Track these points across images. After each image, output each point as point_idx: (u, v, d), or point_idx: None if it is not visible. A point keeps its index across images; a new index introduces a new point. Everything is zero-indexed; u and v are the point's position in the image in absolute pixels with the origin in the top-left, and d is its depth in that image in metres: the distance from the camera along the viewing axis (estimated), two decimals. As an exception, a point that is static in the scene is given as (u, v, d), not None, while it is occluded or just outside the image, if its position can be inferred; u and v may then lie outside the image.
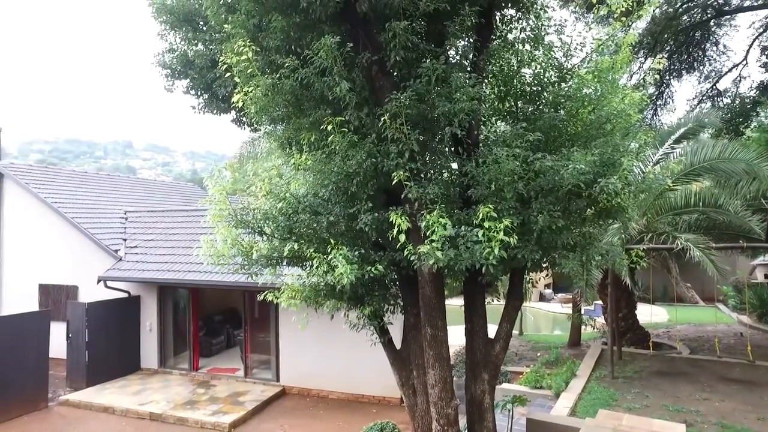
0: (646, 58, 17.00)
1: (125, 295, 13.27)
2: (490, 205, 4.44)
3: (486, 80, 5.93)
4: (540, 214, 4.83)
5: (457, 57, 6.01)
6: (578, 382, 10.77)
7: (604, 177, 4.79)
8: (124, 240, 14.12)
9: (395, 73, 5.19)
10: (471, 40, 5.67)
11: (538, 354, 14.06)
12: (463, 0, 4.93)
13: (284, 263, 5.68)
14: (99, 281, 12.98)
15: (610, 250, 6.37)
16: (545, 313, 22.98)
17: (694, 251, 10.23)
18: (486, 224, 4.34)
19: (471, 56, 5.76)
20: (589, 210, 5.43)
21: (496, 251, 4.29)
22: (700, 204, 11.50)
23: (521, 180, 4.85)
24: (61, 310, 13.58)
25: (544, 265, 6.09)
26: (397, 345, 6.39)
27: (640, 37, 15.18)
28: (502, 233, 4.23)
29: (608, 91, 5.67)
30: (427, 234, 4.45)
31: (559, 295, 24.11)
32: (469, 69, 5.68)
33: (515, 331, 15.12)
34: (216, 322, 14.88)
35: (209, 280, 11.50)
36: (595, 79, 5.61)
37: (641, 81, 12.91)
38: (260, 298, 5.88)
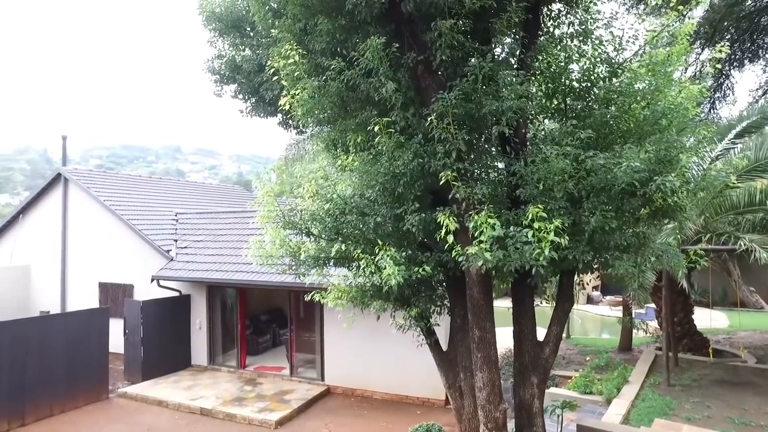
0: (703, 49, 16.14)
1: (176, 293, 13.78)
2: (540, 205, 4.33)
3: (533, 77, 5.80)
4: (592, 214, 4.68)
5: (503, 54, 5.92)
6: (631, 388, 10.34)
7: (660, 175, 4.59)
8: (175, 241, 14.68)
9: (441, 73, 5.16)
10: (517, 37, 5.56)
11: (587, 358, 13.62)
12: (510, -4, 4.84)
13: (331, 264, 5.74)
14: (152, 280, 13.53)
15: (666, 251, 6.09)
16: (593, 316, 22.26)
17: (761, 253, 9.62)
18: (536, 225, 4.24)
19: (518, 53, 5.66)
20: (643, 209, 5.22)
21: (547, 252, 4.18)
22: (767, 202, 10.80)
23: (572, 179, 4.73)
24: (118, 308, 14.25)
25: (595, 267, 5.90)
26: (444, 346, 6.34)
27: (697, 26, 14.44)
28: (552, 234, 4.12)
29: (663, 85, 5.43)
30: (475, 234, 4.40)
31: (608, 297, 23.29)
32: (515, 66, 5.57)
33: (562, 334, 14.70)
34: (262, 322, 15.22)
35: (256, 280, 11.78)
36: (649, 73, 5.37)
37: (698, 73, 12.30)
38: (308, 298, 5.96)
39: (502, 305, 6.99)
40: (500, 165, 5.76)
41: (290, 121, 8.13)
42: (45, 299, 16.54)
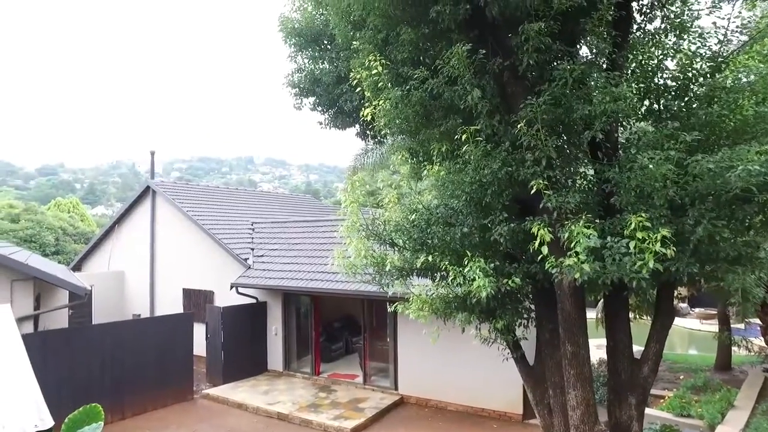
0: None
1: (254, 300, 14.30)
2: (643, 214, 4.04)
3: (624, 78, 5.47)
4: (698, 223, 4.30)
5: (592, 55, 5.63)
6: (738, 414, 9.38)
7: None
8: (252, 249, 15.26)
9: (527, 78, 4.98)
10: (608, 36, 5.27)
11: (681, 377, 12.61)
12: (601, -7, 4.60)
13: (414, 274, 5.68)
14: (231, 287, 14.13)
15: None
16: (680, 330, 20.68)
17: None
18: (638, 234, 3.96)
19: (607, 53, 5.36)
20: (758, 216, 4.74)
21: (651, 264, 3.89)
22: None
23: (674, 185, 4.38)
24: (200, 313, 15.01)
25: (697, 279, 5.44)
26: (530, 361, 6.08)
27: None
28: (659, 244, 3.82)
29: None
30: (570, 245, 4.18)
31: (697, 309, 21.57)
32: (606, 67, 5.28)
33: (640, 348, 13.71)
34: (335, 329, 15.45)
35: (331, 288, 11.98)
36: (765, 65, 4.88)
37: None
38: (390, 309, 5.93)
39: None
40: (588, 171, 5.48)
41: (368, 132, 8.22)
42: (136, 303, 17.78)
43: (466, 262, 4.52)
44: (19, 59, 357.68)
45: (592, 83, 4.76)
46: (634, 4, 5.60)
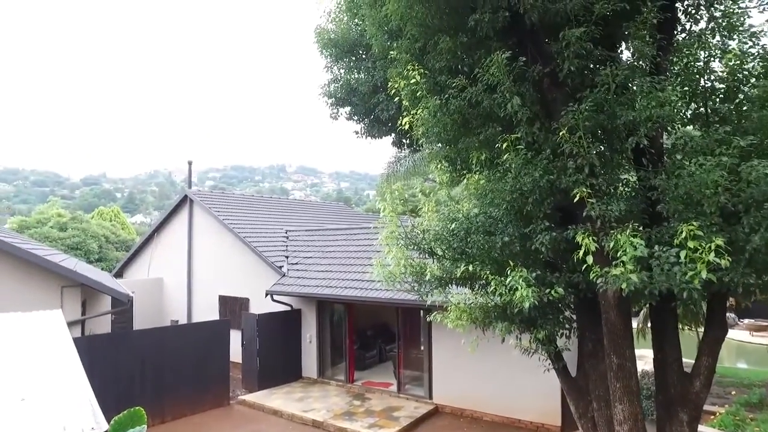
0: None
1: (288, 308, 14.45)
2: (694, 222, 3.89)
3: (669, 82, 5.32)
4: (753, 231, 4.12)
5: (634, 59, 5.49)
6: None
7: None
8: (287, 257, 15.45)
9: (568, 84, 4.90)
10: (652, 39, 5.13)
11: (732, 392, 12.03)
12: (645, -5, 4.50)
13: (453, 283, 5.63)
14: (266, 295, 14.31)
15: None
16: (728, 341, 19.73)
17: None
18: (690, 244, 3.82)
19: (651, 57, 5.22)
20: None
21: (703, 274, 3.74)
22: None
23: (726, 192, 4.21)
24: (236, 319, 15.26)
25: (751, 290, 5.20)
26: (572, 372, 5.93)
27: None
28: (712, 254, 3.67)
29: None
30: (616, 255, 4.07)
31: (746, 321, 20.58)
32: (649, 71, 5.14)
33: (689, 360, 13.18)
34: (368, 337, 15.45)
35: (365, 296, 11.99)
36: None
37: None
38: (429, 318, 5.89)
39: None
40: (630, 178, 5.33)
41: (404, 140, 8.24)
42: (174, 309, 18.25)
43: (508, 272, 4.45)
44: (63, 75, 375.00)
45: (636, 88, 4.64)
46: (679, 5, 5.45)
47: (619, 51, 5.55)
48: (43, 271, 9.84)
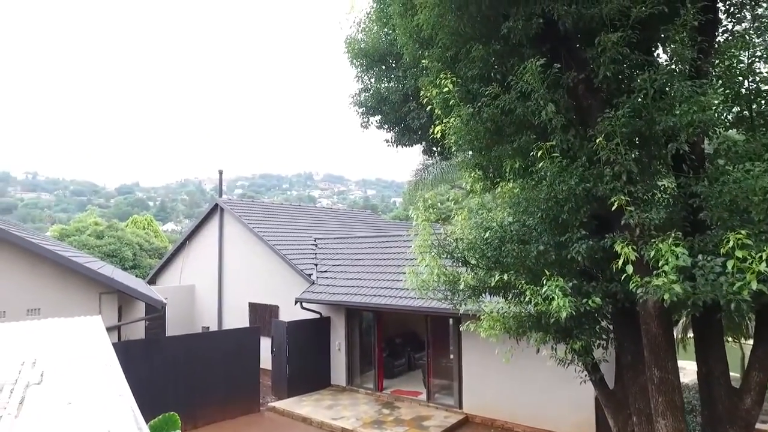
0: None
1: (317, 315, 14.52)
2: (743, 231, 3.76)
3: (710, 84, 5.16)
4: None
5: (672, 63, 5.36)
6: None
7: None
8: (316, 265, 15.56)
9: (603, 90, 4.82)
10: (692, 41, 5.01)
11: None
12: (683, -3, 4.40)
13: (486, 292, 5.57)
14: (296, 302, 14.42)
15: None
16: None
17: None
18: (738, 253, 3.68)
19: (691, 59, 5.09)
20: None
21: (754, 285, 3.60)
22: None
23: (775, 198, 4.05)
24: (265, 326, 15.42)
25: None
26: (609, 384, 5.77)
27: None
28: (763, 264, 3.53)
29: None
30: (657, 264, 3.95)
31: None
32: (689, 74, 5.01)
33: (735, 374, 12.64)
34: (397, 345, 15.39)
35: (395, 304, 11.96)
36: None
37: None
38: (463, 328, 5.83)
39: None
40: (668, 185, 5.19)
41: (434, 148, 8.23)
42: (205, 316, 18.57)
43: (544, 281, 4.37)
44: (100, 89, 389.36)
45: (675, 93, 4.52)
46: (721, 5, 5.30)
47: (656, 54, 5.43)
48: (83, 277, 10.17)
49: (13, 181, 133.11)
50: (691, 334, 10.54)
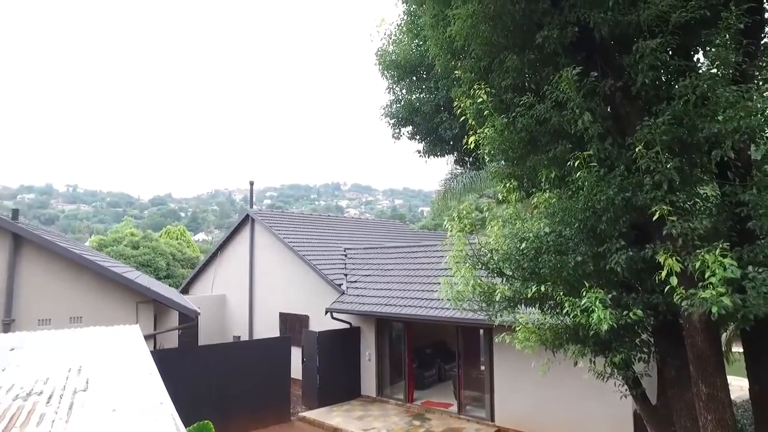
0: None
1: (347, 326, 14.55)
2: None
3: (756, 88, 4.99)
4: None
5: (714, 68, 5.21)
6: None
7: None
8: (345, 275, 15.62)
9: (641, 98, 4.71)
10: (737, 45, 4.85)
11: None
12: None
13: (522, 304, 5.48)
14: (326, 312, 14.48)
15: None
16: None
17: None
18: (792, 264, 3.52)
19: (736, 63, 4.93)
20: None
21: (812, 299, 3.44)
22: None
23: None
24: (295, 336, 15.52)
25: None
26: (652, 399, 5.57)
27: None
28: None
29: None
30: (703, 276, 3.81)
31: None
32: (732, 79, 4.85)
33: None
34: (427, 355, 15.26)
35: (426, 315, 11.89)
36: None
37: None
38: (497, 340, 5.75)
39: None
40: (710, 193, 5.02)
41: (466, 158, 8.19)
42: (236, 325, 18.83)
43: (583, 293, 4.27)
44: (134, 102, 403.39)
45: (718, 98, 4.39)
46: (767, 5, 5.12)
47: (695, 59, 5.29)
48: (122, 287, 10.49)
49: (55, 193, 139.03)
50: (736, 348, 10.12)
